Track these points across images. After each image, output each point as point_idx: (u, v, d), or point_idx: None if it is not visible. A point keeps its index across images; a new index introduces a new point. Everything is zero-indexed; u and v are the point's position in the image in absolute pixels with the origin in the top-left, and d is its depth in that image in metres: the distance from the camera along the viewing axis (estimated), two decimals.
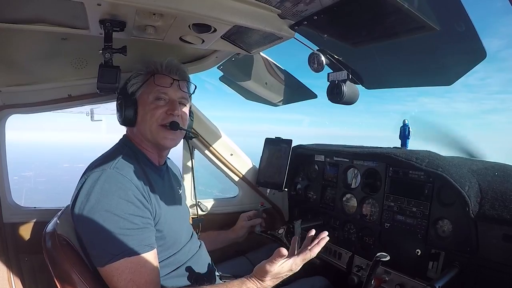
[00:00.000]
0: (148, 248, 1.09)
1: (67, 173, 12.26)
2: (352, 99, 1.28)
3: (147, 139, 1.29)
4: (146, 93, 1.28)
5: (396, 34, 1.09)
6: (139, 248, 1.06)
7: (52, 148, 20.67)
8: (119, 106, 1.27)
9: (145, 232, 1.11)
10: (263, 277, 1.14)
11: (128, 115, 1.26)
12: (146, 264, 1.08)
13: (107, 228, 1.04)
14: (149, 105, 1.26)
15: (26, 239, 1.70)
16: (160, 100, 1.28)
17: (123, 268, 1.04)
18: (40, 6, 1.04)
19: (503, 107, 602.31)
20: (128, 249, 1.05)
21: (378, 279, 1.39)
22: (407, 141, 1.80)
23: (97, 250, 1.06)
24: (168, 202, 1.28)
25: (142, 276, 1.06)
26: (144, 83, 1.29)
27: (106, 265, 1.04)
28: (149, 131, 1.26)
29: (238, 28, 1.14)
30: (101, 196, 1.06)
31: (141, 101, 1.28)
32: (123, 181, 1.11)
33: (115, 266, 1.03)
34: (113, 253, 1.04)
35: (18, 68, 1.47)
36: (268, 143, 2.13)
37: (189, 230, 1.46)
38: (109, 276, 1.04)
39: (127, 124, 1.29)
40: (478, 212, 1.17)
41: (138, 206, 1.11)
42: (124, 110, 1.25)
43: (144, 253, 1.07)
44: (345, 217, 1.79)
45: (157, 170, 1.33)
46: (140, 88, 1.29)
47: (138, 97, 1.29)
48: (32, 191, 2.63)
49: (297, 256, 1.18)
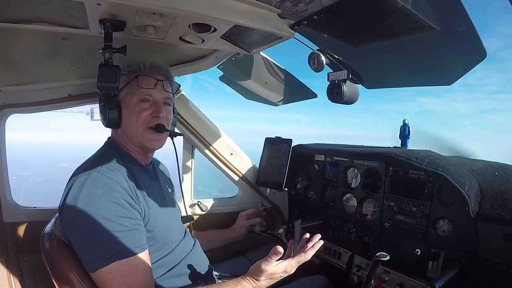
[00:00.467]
0: (140, 249, 1.09)
1: (66, 173, 12.23)
2: (352, 99, 1.28)
3: (133, 141, 1.28)
4: (129, 95, 1.26)
5: (396, 34, 1.09)
6: (130, 250, 1.05)
7: (51, 147, 20.62)
8: (102, 108, 1.24)
9: (135, 234, 1.10)
10: (258, 277, 1.15)
11: (112, 117, 1.24)
12: (139, 265, 1.07)
13: (96, 232, 1.03)
14: (134, 108, 1.25)
15: (26, 239, 1.70)
16: (144, 102, 1.27)
17: (115, 272, 1.02)
18: (40, 6, 1.03)
19: (502, 107, 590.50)
20: (119, 252, 1.03)
21: (378, 279, 1.39)
22: (407, 141, 1.80)
23: (87, 255, 1.05)
24: (157, 201, 1.27)
25: (135, 278, 1.05)
26: (127, 84, 1.27)
27: (98, 270, 1.02)
28: (135, 134, 1.26)
29: (238, 28, 1.14)
30: (88, 200, 1.05)
31: (125, 103, 1.26)
32: (109, 183, 1.10)
33: (107, 270, 1.02)
34: (104, 257, 1.02)
35: (18, 68, 1.47)
36: (268, 143, 2.13)
37: (181, 229, 1.45)
38: (102, 281, 1.03)
39: (111, 126, 1.28)
40: (478, 211, 1.17)
41: (126, 207, 1.10)
42: (108, 112, 1.23)
43: (135, 255, 1.06)
44: (345, 216, 1.79)
45: (144, 170, 1.33)
46: (124, 89, 1.27)
47: (121, 98, 1.27)
48: (30, 190, 2.60)
49: (292, 258, 1.19)
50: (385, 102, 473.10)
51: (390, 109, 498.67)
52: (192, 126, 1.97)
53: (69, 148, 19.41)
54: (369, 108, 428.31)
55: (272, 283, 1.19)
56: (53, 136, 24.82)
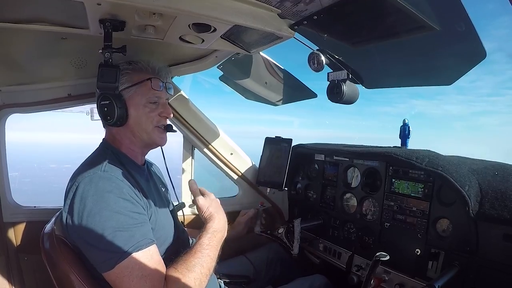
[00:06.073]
0: (151, 241, 1.10)
1: (53, 174, 12.24)
2: (352, 99, 1.28)
3: (141, 138, 1.30)
4: (139, 95, 1.27)
5: (396, 34, 1.09)
6: (143, 242, 1.06)
7: (44, 147, 20.54)
8: (108, 107, 1.23)
9: (145, 226, 1.11)
10: (207, 216, 1.31)
11: (121, 116, 1.24)
12: (154, 256, 1.08)
13: (110, 227, 1.03)
14: (143, 108, 1.28)
15: (26, 238, 1.70)
16: (154, 103, 1.31)
17: (133, 265, 1.02)
18: (40, 6, 1.03)
19: (493, 109, 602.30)
20: (134, 244, 1.04)
21: (377, 279, 1.39)
22: (407, 141, 1.80)
23: (102, 254, 1.04)
24: (155, 200, 1.28)
25: (152, 269, 1.05)
26: (136, 84, 1.28)
27: (116, 266, 1.01)
28: (145, 132, 1.29)
29: (238, 28, 1.14)
30: (98, 197, 1.06)
31: (133, 102, 1.27)
32: (116, 181, 1.11)
33: (124, 264, 1.02)
34: (120, 252, 1.02)
35: (18, 68, 1.47)
36: (268, 142, 2.13)
37: (179, 228, 1.47)
38: (120, 277, 1.02)
39: (118, 125, 1.26)
40: (478, 211, 1.17)
41: (134, 203, 1.11)
42: (117, 111, 1.23)
43: (149, 247, 1.07)
44: (345, 216, 1.79)
45: (140, 170, 1.34)
46: (131, 88, 1.27)
47: (128, 97, 1.27)
48: (16, 191, 2.56)
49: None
50: (377, 104, 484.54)
51: (381, 111, 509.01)
52: (192, 126, 1.97)
53: (62, 148, 19.32)
54: (361, 111, 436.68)
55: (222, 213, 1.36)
56: (47, 137, 24.63)
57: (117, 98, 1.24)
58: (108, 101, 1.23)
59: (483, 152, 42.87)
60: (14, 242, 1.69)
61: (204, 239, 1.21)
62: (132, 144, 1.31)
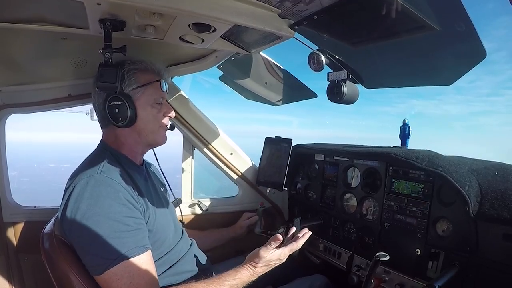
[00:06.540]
0: (144, 249, 1.09)
1: (51, 173, 12.24)
2: (352, 99, 1.28)
3: (146, 139, 1.32)
4: (148, 96, 1.29)
5: (396, 34, 1.09)
6: (135, 249, 1.06)
7: (44, 147, 20.54)
8: (120, 108, 1.21)
9: (139, 233, 1.10)
10: (256, 263, 1.24)
11: (132, 117, 1.24)
12: (144, 265, 1.07)
13: (101, 233, 1.03)
14: (152, 108, 1.30)
15: (26, 238, 1.70)
16: (160, 104, 1.33)
17: (121, 273, 1.02)
18: (40, 6, 1.03)
19: (492, 109, 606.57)
20: (124, 252, 1.03)
21: (377, 279, 1.39)
22: (407, 141, 1.80)
23: (93, 258, 1.04)
24: (153, 201, 1.28)
25: (141, 278, 1.05)
26: (145, 84, 1.28)
27: (104, 272, 1.02)
28: (151, 132, 1.31)
29: (238, 28, 1.14)
30: (92, 201, 1.05)
31: (141, 102, 1.27)
32: (112, 184, 1.11)
33: (113, 271, 1.02)
34: (110, 258, 1.02)
35: (18, 68, 1.47)
36: (268, 142, 2.13)
37: (178, 229, 1.48)
38: (108, 283, 1.03)
39: (128, 126, 1.25)
40: (478, 211, 1.17)
41: (129, 207, 1.11)
42: (129, 112, 1.22)
43: (140, 254, 1.07)
44: (345, 216, 1.79)
45: (139, 170, 1.34)
46: (140, 89, 1.27)
47: (136, 97, 1.27)
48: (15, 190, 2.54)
49: (285, 247, 1.32)
50: (377, 104, 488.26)
51: (381, 111, 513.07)
52: (192, 126, 1.97)
53: (61, 148, 19.30)
54: (360, 110, 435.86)
55: (267, 270, 1.27)
56: (47, 136, 24.60)
57: (129, 99, 1.23)
58: (119, 102, 1.21)
59: (483, 152, 43.03)
60: (14, 242, 1.69)
61: (232, 281, 1.18)
62: (136, 144, 1.32)
